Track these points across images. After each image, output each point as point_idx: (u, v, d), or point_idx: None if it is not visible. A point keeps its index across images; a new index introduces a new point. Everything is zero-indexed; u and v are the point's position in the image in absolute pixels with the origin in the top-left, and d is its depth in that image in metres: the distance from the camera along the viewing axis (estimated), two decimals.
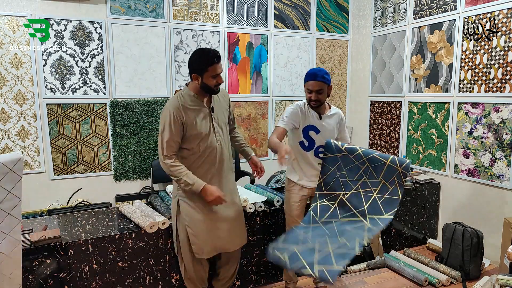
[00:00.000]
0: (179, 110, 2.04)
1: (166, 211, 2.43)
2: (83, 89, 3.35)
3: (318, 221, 2.18)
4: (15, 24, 3.08)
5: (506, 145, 2.89)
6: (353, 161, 2.20)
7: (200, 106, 2.11)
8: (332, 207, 2.21)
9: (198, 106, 2.11)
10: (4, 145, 3.14)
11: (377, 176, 2.15)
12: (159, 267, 2.36)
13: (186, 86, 2.15)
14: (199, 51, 2.07)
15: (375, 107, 4.17)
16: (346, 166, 2.22)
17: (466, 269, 2.76)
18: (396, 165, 2.11)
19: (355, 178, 2.20)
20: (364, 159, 2.17)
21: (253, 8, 3.94)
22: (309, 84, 2.29)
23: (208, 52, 2.04)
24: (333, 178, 2.24)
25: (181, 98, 2.09)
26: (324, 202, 2.23)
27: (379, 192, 2.14)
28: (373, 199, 2.15)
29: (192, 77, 2.08)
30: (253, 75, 4.03)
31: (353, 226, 2.11)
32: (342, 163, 2.23)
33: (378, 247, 3.03)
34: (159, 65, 3.60)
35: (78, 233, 2.23)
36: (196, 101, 2.10)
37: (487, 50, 2.98)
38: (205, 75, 2.04)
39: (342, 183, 2.22)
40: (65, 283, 2.11)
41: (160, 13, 3.54)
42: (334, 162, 2.24)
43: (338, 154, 2.24)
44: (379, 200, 2.13)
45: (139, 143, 3.57)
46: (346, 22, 4.45)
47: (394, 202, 2.11)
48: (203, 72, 2.03)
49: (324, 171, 2.28)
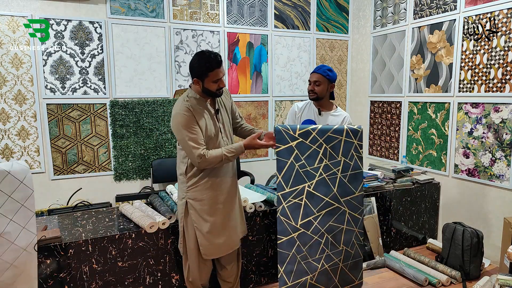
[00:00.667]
0: (190, 111, 2.03)
1: (166, 211, 2.43)
2: (83, 89, 3.35)
3: (297, 225, 2.02)
4: (15, 24, 3.08)
5: (506, 145, 2.89)
6: (309, 146, 2.05)
7: (205, 108, 2.11)
8: (301, 203, 2.03)
9: (204, 108, 2.10)
10: (4, 145, 3.14)
11: (337, 155, 2.07)
12: (159, 267, 2.36)
13: (190, 88, 2.14)
14: (199, 55, 2.03)
15: (375, 107, 4.17)
16: (303, 154, 2.04)
17: (466, 269, 2.76)
18: (351, 138, 2.08)
19: (316, 165, 2.05)
20: (320, 141, 2.05)
21: (253, 8, 3.94)
22: (311, 76, 2.44)
23: (208, 57, 2.00)
24: (292, 172, 2.04)
25: (187, 100, 2.07)
26: (290, 201, 2.03)
27: (342, 171, 2.07)
28: (339, 179, 2.07)
29: (193, 81, 2.07)
30: (253, 75, 4.04)
31: (335, 217, 2.06)
32: (298, 152, 2.04)
33: (378, 247, 3.03)
34: (159, 65, 3.60)
35: (78, 233, 2.23)
36: (202, 103, 2.10)
37: (487, 50, 2.98)
38: (206, 80, 2.03)
39: (304, 173, 2.04)
40: (65, 283, 2.11)
41: (160, 13, 3.54)
42: (290, 153, 2.04)
43: (293, 143, 2.04)
44: (345, 179, 2.08)
45: (139, 143, 3.57)
46: (346, 22, 4.45)
47: (358, 176, 2.10)
48: (203, 77, 2.02)
49: (281, 166, 2.04)
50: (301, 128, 2.06)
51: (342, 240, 2.07)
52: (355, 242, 2.09)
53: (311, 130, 2.05)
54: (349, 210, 2.07)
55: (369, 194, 3.11)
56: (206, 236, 2.14)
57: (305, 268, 2.01)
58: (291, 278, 1.99)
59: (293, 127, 2.06)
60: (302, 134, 2.05)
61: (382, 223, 3.20)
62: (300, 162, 2.04)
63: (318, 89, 2.40)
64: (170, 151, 3.69)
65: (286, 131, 2.04)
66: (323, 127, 2.08)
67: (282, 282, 1.98)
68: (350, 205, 2.08)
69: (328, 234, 2.05)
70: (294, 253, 2.01)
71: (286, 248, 2.01)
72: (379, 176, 3.22)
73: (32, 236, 1.83)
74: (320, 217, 2.04)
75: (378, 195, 3.16)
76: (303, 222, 2.03)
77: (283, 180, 2.02)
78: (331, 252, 2.05)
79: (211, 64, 2.00)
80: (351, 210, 2.08)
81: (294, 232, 2.02)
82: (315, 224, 2.04)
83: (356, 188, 2.09)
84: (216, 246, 2.18)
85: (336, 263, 2.05)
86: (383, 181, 3.20)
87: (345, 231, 2.07)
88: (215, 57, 2.01)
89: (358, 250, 2.08)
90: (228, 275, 2.35)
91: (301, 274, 2.00)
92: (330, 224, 2.05)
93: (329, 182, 2.06)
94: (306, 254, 2.02)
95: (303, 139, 2.05)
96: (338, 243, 2.06)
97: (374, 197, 3.10)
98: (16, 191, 1.75)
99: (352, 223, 2.09)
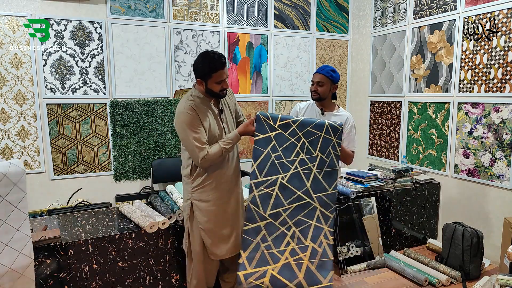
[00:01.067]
0: (194, 110, 2.02)
1: (166, 211, 2.43)
2: (83, 89, 3.35)
3: (265, 215, 2.01)
4: (15, 24, 3.08)
5: (506, 145, 2.89)
6: (288, 138, 2.05)
7: (209, 108, 2.10)
8: (273, 193, 2.01)
9: (208, 108, 2.10)
10: (4, 145, 3.14)
11: (314, 151, 2.06)
12: (159, 267, 2.36)
13: (194, 88, 2.13)
14: (203, 55, 2.02)
15: (375, 107, 4.17)
16: (281, 146, 2.04)
17: (466, 269, 2.76)
18: (330, 136, 2.07)
19: (292, 157, 2.05)
20: (299, 134, 2.05)
21: (253, 8, 3.94)
22: (314, 76, 2.44)
23: (212, 58, 1.99)
24: (267, 162, 2.03)
25: (191, 99, 2.07)
26: (262, 190, 2.01)
27: (317, 167, 2.06)
28: (314, 175, 2.06)
29: (197, 81, 2.07)
30: (253, 75, 4.04)
31: (305, 212, 2.04)
32: (276, 143, 2.04)
33: (378, 247, 3.03)
34: (159, 65, 3.60)
35: (78, 233, 2.23)
36: (205, 103, 2.10)
37: (487, 50, 2.98)
38: (209, 81, 2.02)
39: (279, 165, 2.03)
40: (65, 283, 2.11)
41: (160, 13, 3.54)
42: (268, 143, 2.04)
43: (271, 133, 2.04)
44: (319, 175, 2.06)
45: (139, 143, 3.57)
46: (346, 22, 4.45)
47: (333, 174, 2.08)
48: (207, 78, 2.02)
49: (257, 155, 2.03)
50: (282, 118, 2.05)
51: (310, 236, 2.03)
52: (323, 241, 2.02)
53: (291, 122, 2.05)
54: (320, 207, 2.05)
55: (369, 194, 3.11)
56: (212, 237, 2.14)
57: (267, 258, 1.98)
58: (251, 265, 1.96)
59: (274, 117, 2.05)
60: (282, 126, 2.05)
61: (382, 223, 3.20)
62: (277, 153, 2.04)
63: (321, 89, 2.40)
64: (170, 151, 3.69)
65: (266, 121, 2.05)
66: (304, 120, 2.07)
67: (242, 267, 1.96)
68: (322, 202, 2.06)
69: (295, 227, 2.03)
70: (258, 242, 1.99)
71: (251, 235, 2.00)
72: (379, 176, 3.22)
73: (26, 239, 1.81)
74: (289, 209, 2.03)
75: (378, 195, 3.16)
76: (272, 212, 2.03)
77: (257, 168, 2.02)
78: (297, 246, 2.01)
79: (215, 65, 1.99)
80: (323, 207, 2.05)
81: (262, 220, 2.01)
82: (284, 216, 2.03)
83: (329, 186, 2.07)
84: (223, 246, 2.18)
85: (301, 258, 1.99)
86: (383, 181, 3.20)
87: (314, 227, 2.04)
88: (219, 58, 2.01)
89: (327, 250, 2.00)
90: (231, 276, 2.35)
91: (263, 263, 1.97)
92: (299, 218, 2.03)
93: (303, 176, 2.05)
94: (271, 244, 2.00)
95: (282, 130, 2.05)
96: (305, 238, 2.02)
97: (374, 197, 3.10)
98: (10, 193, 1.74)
99: (322, 220, 2.05)
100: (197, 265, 2.20)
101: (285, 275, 1.95)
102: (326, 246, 2.01)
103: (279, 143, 2.05)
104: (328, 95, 2.48)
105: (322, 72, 2.41)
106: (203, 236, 2.14)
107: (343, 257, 2.92)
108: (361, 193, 3.08)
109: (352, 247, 2.96)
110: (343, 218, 2.95)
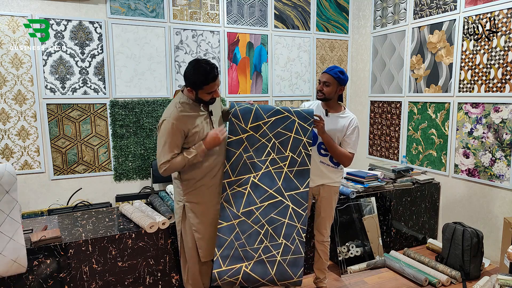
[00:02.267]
0: (180, 120, 2.01)
1: (166, 211, 2.43)
2: (83, 89, 3.35)
3: (238, 213, 2.07)
4: (15, 24, 3.08)
5: (506, 145, 2.89)
6: (259, 139, 2.13)
7: (198, 111, 2.11)
8: (245, 192, 2.09)
9: (197, 112, 2.10)
10: (4, 145, 3.14)
11: (285, 151, 2.13)
12: (159, 267, 2.36)
13: (181, 93, 2.12)
14: (195, 66, 1.99)
15: (375, 107, 4.17)
16: (252, 146, 2.12)
17: (466, 269, 2.76)
18: (300, 136, 2.13)
19: (263, 157, 2.12)
20: (270, 135, 2.13)
21: (253, 8, 3.94)
22: (321, 76, 2.41)
23: (204, 70, 1.97)
24: (239, 162, 2.11)
25: (179, 106, 2.06)
26: (235, 189, 2.09)
27: (289, 166, 2.13)
28: (285, 174, 2.12)
29: (187, 89, 2.05)
30: (253, 75, 4.04)
31: (277, 210, 2.09)
32: (248, 143, 2.12)
33: (378, 247, 3.03)
34: (159, 65, 3.60)
35: (78, 233, 2.23)
36: (195, 108, 2.09)
37: (487, 50, 2.98)
38: (199, 92, 2.02)
39: (250, 164, 2.11)
40: (65, 283, 2.11)
41: (160, 13, 3.54)
42: (240, 145, 2.12)
43: (243, 135, 2.12)
44: (291, 174, 2.12)
45: (139, 143, 3.57)
46: (346, 22, 4.45)
47: (305, 172, 2.13)
48: (197, 89, 2.01)
49: (229, 156, 2.13)
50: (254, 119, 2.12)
51: (283, 234, 2.08)
52: (296, 238, 2.08)
53: (262, 124, 2.13)
54: (292, 205, 2.10)
55: (369, 194, 3.11)
56: (205, 238, 2.15)
57: (241, 255, 2.04)
58: (226, 263, 2.03)
59: (245, 118, 2.13)
60: (253, 128, 2.13)
61: (382, 223, 3.20)
62: (248, 153, 2.12)
63: (327, 90, 2.36)
64: None
65: (238, 124, 2.13)
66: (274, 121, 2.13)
67: (216, 265, 2.03)
68: (294, 200, 2.11)
69: (268, 225, 2.08)
70: (232, 239, 2.05)
71: (225, 233, 2.06)
72: (379, 176, 3.22)
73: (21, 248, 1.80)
74: (262, 208, 2.09)
75: (378, 195, 3.16)
76: (244, 210, 2.09)
77: (230, 168, 2.10)
78: (270, 244, 2.07)
79: (207, 78, 1.98)
80: (295, 205, 2.11)
81: (235, 219, 2.08)
82: (257, 214, 2.09)
83: (301, 184, 2.13)
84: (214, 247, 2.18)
85: (274, 256, 2.05)
86: (383, 181, 3.20)
87: (287, 225, 2.09)
88: (212, 70, 1.98)
89: (299, 247, 2.06)
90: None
91: (237, 260, 2.04)
92: (271, 216, 2.09)
93: (274, 175, 2.12)
94: (244, 242, 2.06)
95: (253, 132, 2.13)
96: (278, 236, 2.08)
97: (374, 197, 3.10)
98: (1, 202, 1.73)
99: (294, 218, 2.10)
100: (192, 268, 2.21)
101: (257, 271, 2.03)
102: (299, 243, 2.07)
103: (250, 144, 2.13)
104: (334, 96, 2.41)
105: (330, 72, 2.37)
106: (197, 238, 2.15)
107: (343, 257, 2.92)
108: (361, 193, 3.08)
109: (352, 247, 2.96)
110: (343, 218, 2.95)
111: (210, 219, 2.16)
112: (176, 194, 2.20)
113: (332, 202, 2.48)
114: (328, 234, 2.54)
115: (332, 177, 2.44)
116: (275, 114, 2.16)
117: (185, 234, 2.17)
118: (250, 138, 2.13)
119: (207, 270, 2.26)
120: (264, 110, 2.17)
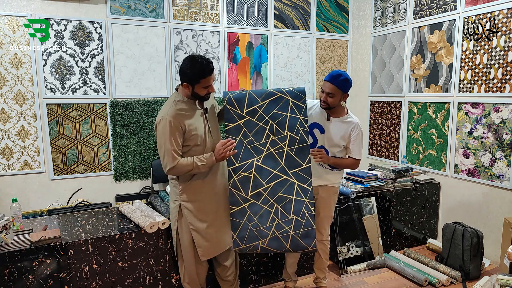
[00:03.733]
0: (177, 118, 2.03)
1: (166, 211, 2.43)
2: (83, 89, 3.35)
3: (247, 196, 2.14)
4: (15, 24, 3.08)
5: (506, 145, 2.89)
6: (256, 123, 2.17)
7: (194, 109, 2.12)
8: (251, 176, 2.15)
9: (193, 110, 2.12)
10: (4, 145, 3.14)
11: (283, 131, 2.18)
12: (159, 267, 2.36)
13: (176, 91, 2.14)
14: (191, 61, 2.02)
15: (375, 107, 4.17)
16: (251, 132, 2.17)
17: (466, 269, 2.76)
18: (295, 114, 2.18)
19: (263, 140, 2.17)
20: (266, 118, 2.17)
21: (253, 8, 3.94)
22: (324, 84, 2.28)
23: (201, 64, 2.00)
24: (241, 148, 2.16)
25: (175, 105, 2.07)
26: (240, 174, 2.14)
27: (288, 145, 2.18)
28: (286, 153, 2.18)
29: (183, 85, 2.07)
30: (253, 75, 4.03)
31: (284, 189, 2.16)
32: (246, 129, 2.17)
33: (378, 247, 3.03)
34: (159, 65, 3.60)
35: (78, 233, 2.23)
36: (190, 105, 2.11)
37: (487, 50, 2.98)
38: (196, 86, 2.04)
39: (252, 149, 2.17)
40: (65, 283, 2.11)
41: (160, 13, 3.54)
42: (239, 131, 2.16)
43: (240, 121, 2.17)
44: (292, 152, 2.18)
45: (139, 143, 3.57)
46: (346, 22, 4.45)
47: (305, 148, 2.18)
48: (194, 83, 2.03)
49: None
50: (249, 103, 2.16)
51: (292, 210, 2.15)
52: (305, 212, 2.15)
53: (257, 108, 2.17)
54: (297, 182, 2.17)
55: (369, 194, 3.11)
56: (204, 236, 2.15)
57: (256, 234, 2.14)
58: (244, 242, 2.14)
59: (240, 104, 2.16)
60: (249, 113, 2.17)
61: (382, 223, 3.20)
62: (248, 138, 2.17)
63: (331, 100, 2.26)
64: None
65: (234, 110, 2.17)
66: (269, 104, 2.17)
67: (235, 244, 2.15)
68: (298, 177, 2.17)
69: (277, 204, 2.15)
70: (245, 222, 2.14)
71: (238, 217, 2.14)
72: (379, 176, 3.22)
73: None
74: (269, 188, 2.16)
75: (378, 195, 3.16)
76: (253, 193, 2.16)
77: (233, 155, 2.14)
78: (281, 221, 2.15)
79: (204, 71, 2.00)
80: (300, 181, 2.17)
81: (245, 202, 2.15)
82: (265, 195, 2.16)
83: (303, 161, 2.18)
84: (214, 245, 2.19)
85: (287, 231, 2.14)
86: (383, 181, 3.20)
87: (295, 201, 2.16)
88: (208, 64, 2.02)
89: (310, 220, 2.15)
90: (227, 272, 2.35)
91: (253, 239, 2.14)
92: (279, 195, 2.16)
93: (276, 156, 2.18)
94: (257, 223, 2.14)
95: (250, 117, 2.17)
96: (288, 213, 2.15)
97: (374, 197, 3.10)
98: None
99: (301, 193, 2.17)
100: (189, 268, 2.22)
101: (274, 245, 2.15)
102: (309, 217, 2.15)
103: (249, 129, 2.17)
104: (338, 104, 2.34)
105: (334, 82, 2.23)
106: (195, 236, 2.15)
107: (343, 257, 2.92)
108: (361, 193, 3.08)
109: (352, 247, 2.96)
110: (343, 218, 2.95)
111: (209, 216, 2.16)
112: (172, 193, 2.21)
113: (331, 202, 2.48)
114: (327, 233, 2.54)
115: (331, 179, 2.44)
116: (269, 96, 2.20)
117: (182, 234, 2.18)
118: (248, 123, 2.18)
119: (204, 269, 2.28)
120: (257, 93, 2.21)
